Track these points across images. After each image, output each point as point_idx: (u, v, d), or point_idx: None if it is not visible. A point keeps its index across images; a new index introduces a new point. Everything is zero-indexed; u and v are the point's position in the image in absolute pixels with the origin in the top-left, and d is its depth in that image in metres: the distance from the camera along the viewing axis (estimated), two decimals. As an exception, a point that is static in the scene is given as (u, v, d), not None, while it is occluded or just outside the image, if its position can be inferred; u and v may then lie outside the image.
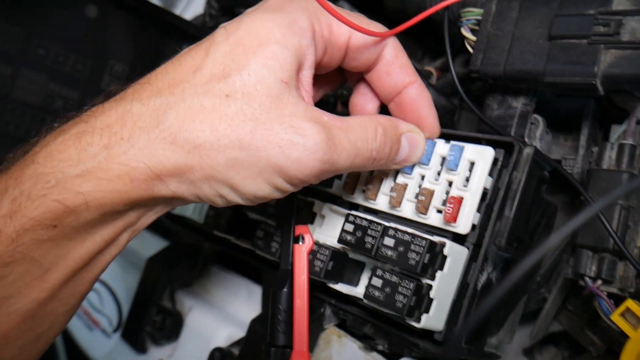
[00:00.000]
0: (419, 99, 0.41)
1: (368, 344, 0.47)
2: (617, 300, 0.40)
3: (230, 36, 0.34)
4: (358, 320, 0.47)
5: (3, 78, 0.59)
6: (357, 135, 0.36)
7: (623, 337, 0.36)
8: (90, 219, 0.33)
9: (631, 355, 0.33)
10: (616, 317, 0.35)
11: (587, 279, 0.41)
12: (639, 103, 0.42)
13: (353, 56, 0.39)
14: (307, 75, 0.37)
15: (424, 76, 0.53)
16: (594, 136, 0.45)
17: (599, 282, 0.40)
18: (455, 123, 0.61)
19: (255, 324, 0.51)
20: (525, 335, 0.57)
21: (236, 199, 0.35)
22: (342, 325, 0.50)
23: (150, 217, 0.37)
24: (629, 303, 0.35)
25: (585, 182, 0.42)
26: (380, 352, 0.47)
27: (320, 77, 0.41)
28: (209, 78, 0.33)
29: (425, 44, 0.72)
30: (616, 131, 0.42)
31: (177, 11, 0.78)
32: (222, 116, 0.33)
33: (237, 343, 0.54)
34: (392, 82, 0.41)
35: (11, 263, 0.32)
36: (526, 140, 0.43)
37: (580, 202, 0.42)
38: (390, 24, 0.72)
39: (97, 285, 0.70)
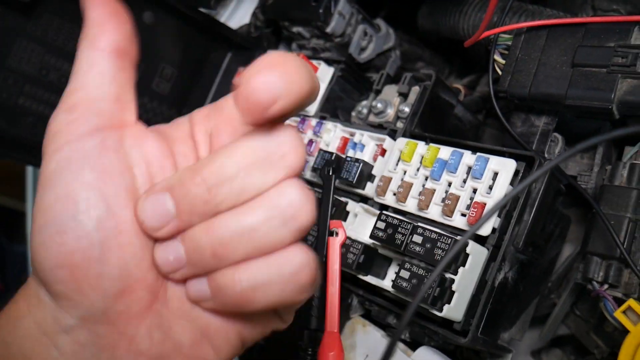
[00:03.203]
0: None
1: (391, 332, 0.51)
2: (621, 303, 0.44)
3: None
4: (382, 311, 0.51)
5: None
6: None
7: (625, 335, 0.40)
8: None
9: (629, 347, 0.37)
10: (619, 314, 0.39)
11: (594, 283, 0.45)
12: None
13: None
14: None
15: (454, 93, 0.58)
16: (608, 155, 0.49)
17: (606, 286, 0.44)
18: (479, 138, 0.65)
19: (287, 310, 0.55)
20: (534, 339, 0.61)
21: None
22: (366, 316, 0.55)
23: None
24: (631, 302, 0.39)
25: (597, 197, 0.47)
26: (401, 341, 0.51)
27: None
28: None
29: (453, 63, 0.78)
30: (629, 152, 0.47)
31: (221, 19, 0.83)
32: None
33: (268, 327, 0.59)
34: None
35: None
36: (546, 156, 0.48)
37: (592, 214, 0.46)
38: (423, 43, 0.77)
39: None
